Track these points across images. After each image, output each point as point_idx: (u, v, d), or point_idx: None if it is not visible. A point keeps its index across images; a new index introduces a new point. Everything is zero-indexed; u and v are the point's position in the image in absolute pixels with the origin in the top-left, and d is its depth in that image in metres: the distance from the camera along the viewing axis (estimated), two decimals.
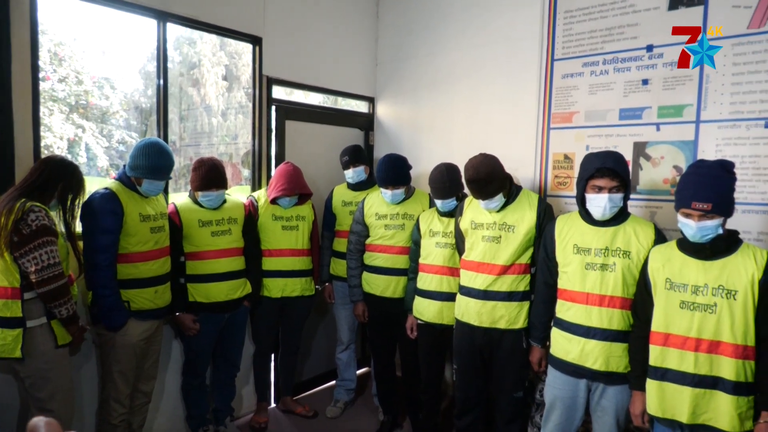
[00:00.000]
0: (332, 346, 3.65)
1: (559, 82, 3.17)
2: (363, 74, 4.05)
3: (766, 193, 2.52)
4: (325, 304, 3.51)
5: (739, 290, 1.76)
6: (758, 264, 1.77)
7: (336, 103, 4.18)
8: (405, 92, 3.95)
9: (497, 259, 2.41)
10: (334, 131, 3.88)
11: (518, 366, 2.46)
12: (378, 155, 4.00)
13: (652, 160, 2.85)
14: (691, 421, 1.83)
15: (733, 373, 1.76)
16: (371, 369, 3.44)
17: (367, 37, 4.05)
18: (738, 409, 1.76)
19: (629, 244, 2.08)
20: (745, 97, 2.56)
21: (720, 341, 1.78)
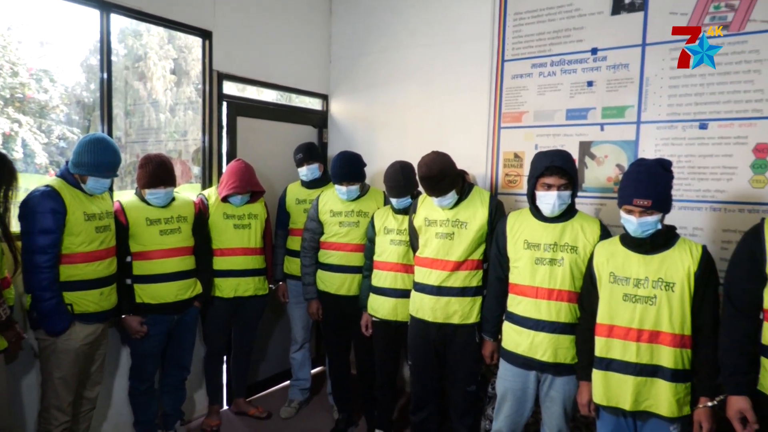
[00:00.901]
0: (286, 345, 3.61)
1: (510, 83, 3.25)
2: (316, 71, 4.02)
3: (700, 191, 2.67)
4: (278, 303, 3.47)
5: (677, 282, 1.86)
6: (694, 257, 1.87)
7: (289, 100, 4.13)
8: (359, 90, 3.94)
9: (450, 255, 2.45)
10: (288, 128, 3.84)
11: (471, 360, 2.50)
12: (332, 153, 3.97)
13: (596, 159, 2.97)
14: (633, 408, 1.91)
15: (671, 361, 1.86)
16: (326, 368, 3.42)
17: (320, 34, 4.02)
18: (676, 395, 1.86)
19: (576, 240, 2.15)
20: (682, 99, 2.70)
21: (660, 331, 1.88)
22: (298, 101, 4.13)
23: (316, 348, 4.08)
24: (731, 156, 2.60)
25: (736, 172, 2.59)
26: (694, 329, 1.87)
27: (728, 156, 2.60)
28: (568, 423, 2.24)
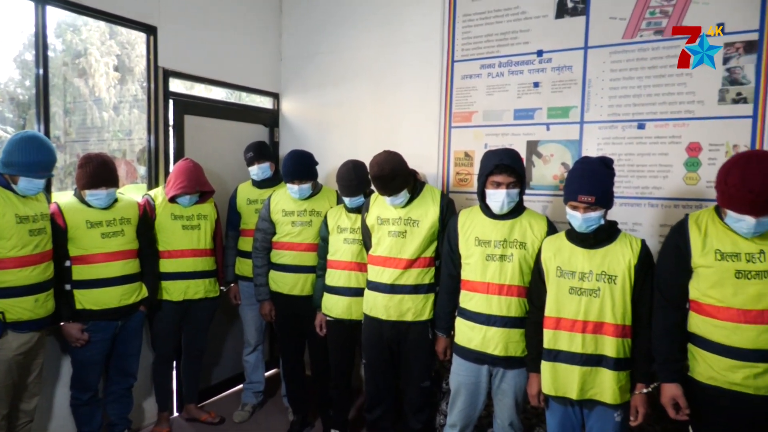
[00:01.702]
0: (239, 348, 3.54)
1: (459, 83, 3.30)
2: (267, 69, 3.96)
3: (639, 188, 2.80)
4: (230, 305, 3.40)
5: (618, 275, 1.94)
6: (634, 251, 1.96)
7: (239, 99, 4.05)
8: (311, 89, 3.92)
9: (403, 253, 2.47)
10: (238, 127, 3.77)
11: (425, 356, 2.53)
12: (283, 152, 3.92)
13: (543, 157, 3.06)
14: (580, 396, 1.99)
15: (614, 350, 1.94)
16: (280, 370, 3.38)
17: (270, 32, 3.97)
18: (619, 383, 1.94)
19: (525, 236, 2.21)
20: (621, 100, 2.82)
21: (603, 322, 1.96)
22: (249, 100, 4.06)
23: (269, 350, 4.03)
24: (667, 155, 2.73)
25: (671, 170, 2.73)
26: (634, 319, 1.96)
27: (664, 155, 2.74)
28: (519, 414, 2.31)
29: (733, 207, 1.67)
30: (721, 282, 1.74)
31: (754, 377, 1.69)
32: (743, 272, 1.70)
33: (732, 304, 1.72)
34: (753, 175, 1.61)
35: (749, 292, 1.69)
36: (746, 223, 1.66)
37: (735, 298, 1.71)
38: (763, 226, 1.66)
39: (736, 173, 1.64)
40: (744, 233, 1.70)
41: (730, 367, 1.72)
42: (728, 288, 1.72)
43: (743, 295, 1.70)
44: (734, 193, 1.64)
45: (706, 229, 1.80)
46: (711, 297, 1.77)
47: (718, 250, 1.75)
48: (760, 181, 1.60)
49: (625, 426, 2.00)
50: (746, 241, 1.72)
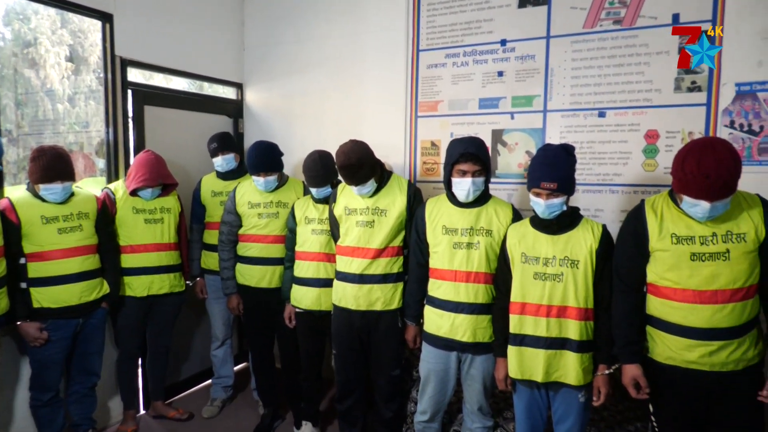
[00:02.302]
0: (206, 343, 3.49)
1: (425, 72, 3.31)
2: (230, 59, 3.88)
3: (600, 175, 2.87)
4: (197, 300, 3.34)
5: (581, 260, 1.99)
6: (595, 236, 2.01)
7: (201, 89, 3.95)
8: (275, 78, 3.86)
9: (371, 243, 2.47)
10: (200, 118, 3.68)
11: (395, 345, 2.54)
12: (248, 143, 3.87)
13: (508, 146, 3.10)
14: (545, 379, 2.03)
15: (577, 333, 1.99)
16: (249, 363, 3.35)
17: (232, 20, 3.88)
18: (582, 364, 2.00)
19: (491, 224, 2.24)
20: (583, 89, 2.88)
21: (567, 306, 2.00)
22: (211, 90, 3.97)
23: (238, 344, 3.98)
24: (626, 142, 2.81)
25: (630, 156, 2.81)
26: (596, 302, 2.01)
27: (624, 142, 2.82)
28: (488, 398, 2.35)
29: (689, 192, 1.72)
30: (678, 265, 1.80)
31: (708, 355, 1.76)
32: (698, 255, 1.76)
33: (688, 285, 1.78)
34: (708, 161, 1.65)
35: (704, 273, 1.76)
36: (701, 207, 1.71)
37: (690, 279, 1.77)
38: (717, 210, 1.72)
39: (692, 160, 1.69)
40: (699, 218, 1.76)
41: (687, 347, 1.79)
42: (684, 270, 1.78)
43: (698, 277, 1.76)
44: (690, 179, 1.69)
45: (662, 214, 1.85)
46: (668, 279, 1.83)
47: (674, 234, 1.81)
48: (714, 167, 1.65)
49: (588, 406, 2.06)
50: (700, 224, 1.78)
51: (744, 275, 1.74)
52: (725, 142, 1.73)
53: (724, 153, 1.67)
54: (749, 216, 1.76)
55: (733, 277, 1.73)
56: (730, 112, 2.58)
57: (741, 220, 1.76)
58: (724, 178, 1.65)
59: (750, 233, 1.74)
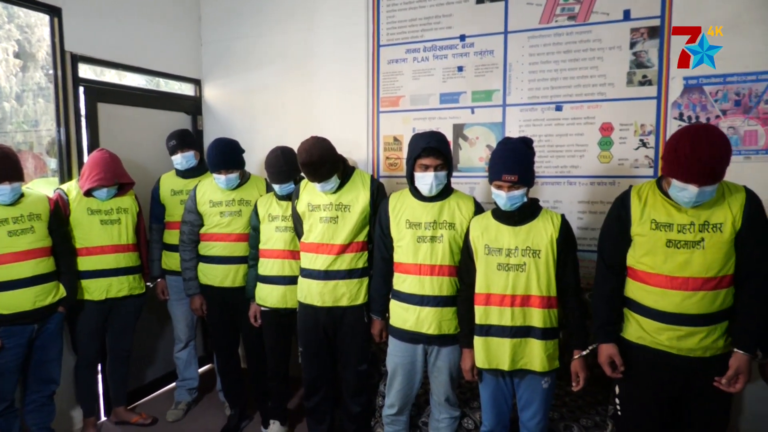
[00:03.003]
0: (170, 345, 3.42)
1: (386, 68, 3.32)
2: (187, 54, 3.80)
3: (558, 167, 2.95)
4: (158, 301, 3.26)
5: (542, 249, 2.04)
6: (555, 226, 2.06)
7: (158, 85, 3.85)
8: (234, 74, 3.79)
9: (336, 239, 2.46)
10: (157, 115, 3.59)
11: (361, 340, 2.55)
12: (208, 141, 3.79)
13: (469, 140, 3.14)
14: (511, 367, 2.07)
15: (541, 321, 2.04)
16: (214, 364, 3.29)
17: (188, 15, 3.79)
18: (546, 351, 2.05)
19: (454, 217, 2.27)
20: (540, 83, 2.95)
21: (530, 295, 2.05)
22: (168, 87, 3.87)
23: (203, 345, 3.92)
24: (582, 135, 2.89)
25: (586, 149, 2.89)
26: (559, 290, 2.07)
27: (580, 135, 2.89)
28: (455, 389, 2.38)
29: (680, 175, 1.75)
30: (654, 250, 1.85)
31: (677, 339, 1.82)
32: (673, 242, 1.82)
33: (661, 270, 1.84)
34: (703, 145, 1.69)
35: (677, 260, 1.81)
36: (689, 192, 1.75)
37: (664, 265, 1.83)
38: (703, 196, 1.76)
39: (687, 143, 1.72)
40: (685, 202, 1.79)
41: (657, 329, 1.85)
42: (659, 255, 1.84)
43: (672, 263, 1.82)
44: (684, 162, 1.71)
45: (646, 200, 1.91)
46: (644, 264, 1.89)
47: (654, 220, 1.86)
48: (708, 151, 1.69)
49: (551, 391, 2.12)
50: (680, 213, 1.83)
51: (717, 265, 1.78)
52: (719, 129, 1.77)
53: (719, 139, 1.72)
54: (729, 207, 1.79)
55: (706, 266, 1.78)
56: (679, 105, 2.68)
57: (719, 211, 1.79)
58: (715, 162, 1.69)
59: (727, 223, 1.77)
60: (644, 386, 1.93)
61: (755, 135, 2.57)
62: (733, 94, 2.59)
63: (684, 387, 1.87)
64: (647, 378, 1.92)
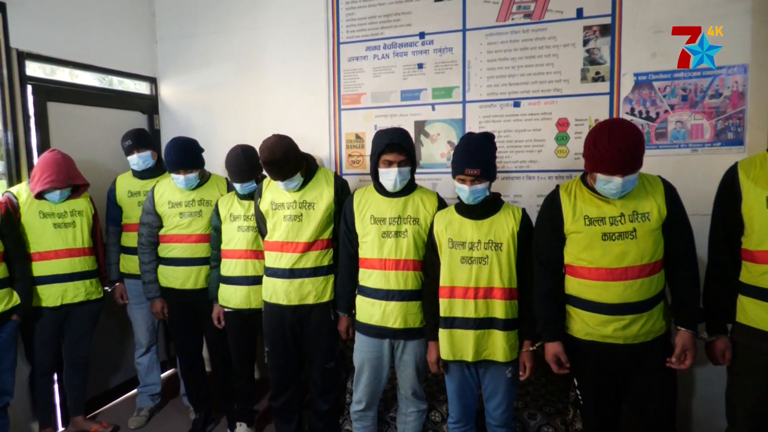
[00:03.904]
0: (130, 350, 3.32)
1: (346, 65, 3.32)
2: (141, 52, 3.69)
3: (518, 162, 3.02)
4: (117, 305, 3.17)
5: (503, 242, 2.09)
6: (516, 220, 2.11)
7: (111, 84, 3.73)
8: (191, 72, 3.72)
9: (300, 237, 2.45)
10: (112, 115, 3.49)
11: (328, 337, 2.55)
12: (165, 140, 3.69)
13: (430, 137, 3.18)
14: (475, 358, 2.12)
15: (503, 312, 2.09)
16: (178, 368, 3.23)
17: (141, 12, 3.69)
18: (508, 341, 2.10)
19: (418, 212, 2.30)
20: (498, 80, 3.01)
21: (493, 287, 2.09)
22: (122, 85, 3.75)
23: (165, 349, 3.83)
24: (540, 130, 2.97)
25: (544, 144, 2.97)
26: (519, 282, 2.12)
27: (537, 130, 2.97)
28: (421, 382, 2.42)
29: (603, 169, 1.83)
30: (591, 245, 1.92)
31: (622, 329, 1.89)
32: (608, 234, 1.89)
33: (601, 264, 1.90)
34: (618, 137, 1.78)
35: (614, 252, 1.89)
36: (614, 183, 1.83)
37: (603, 258, 1.90)
38: (628, 185, 1.84)
39: (604, 136, 1.80)
40: (612, 194, 1.88)
41: (602, 322, 1.91)
42: (597, 250, 1.91)
43: (609, 256, 1.89)
44: (604, 154, 1.79)
45: (575, 198, 1.97)
46: (583, 260, 1.95)
47: (587, 216, 1.93)
48: (625, 141, 1.77)
49: (515, 381, 2.17)
50: (609, 206, 1.91)
51: (650, 252, 1.87)
52: (628, 121, 1.89)
53: (631, 128, 1.82)
54: (652, 196, 1.90)
55: (641, 254, 1.87)
56: (630, 100, 2.79)
57: (645, 201, 1.89)
58: (633, 151, 1.78)
59: (653, 212, 1.88)
60: (597, 377, 2.00)
61: (701, 128, 2.70)
62: (680, 90, 2.71)
63: (632, 372, 1.95)
64: (599, 370, 1.98)
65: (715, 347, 1.96)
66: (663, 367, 1.92)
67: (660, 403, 1.96)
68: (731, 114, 2.64)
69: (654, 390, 1.95)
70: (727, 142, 2.66)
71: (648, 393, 1.96)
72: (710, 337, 1.98)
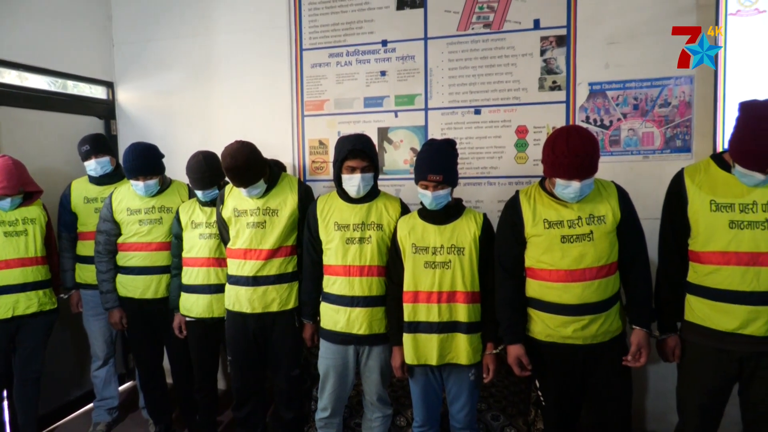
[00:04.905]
0: (87, 363, 3.21)
1: (309, 71, 3.32)
2: (97, 55, 3.60)
3: (479, 168, 3.08)
4: (71, 316, 3.06)
5: (466, 247, 2.12)
6: (478, 224, 2.16)
7: (65, 88, 3.61)
8: (151, 76, 3.64)
9: (264, 244, 2.43)
10: (66, 120, 3.38)
11: (292, 345, 2.53)
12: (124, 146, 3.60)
13: (393, 143, 3.21)
14: (439, 362, 2.14)
15: (466, 316, 2.12)
16: (137, 381, 3.14)
17: (98, 14, 3.60)
18: (471, 344, 2.13)
19: (381, 218, 2.32)
20: (459, 88, 3.07)
21: (456, 291, 2.12)
22: (77, 89, 3.64)
23: (123, 361, 3.71)
24: (500, 137, 3.04)
25: (504, 151, 3.04)
26: (481, 285, 2.16)
27: (498, 137, 3.04)
28: (386, 387, 2.42)
29: (562, 174, 1.90)
30: (551, 248, 1.98)
31: (581, 329, 1.95)
32: (567, 237, 1.96)
33: (560, 266, 1.96)
34: (576, 143, 1.85)
35: (573, 254, 1.95)
36: (573, 188, 1.90)
37: (562, 260, 1.96)
38: (585, 189, 1.92)
39: (562, 143, 1.87)
40: (571, 198, 1.95)
41: (563, 323, 1.97)
42: (557, 252, 1.97)
43: (569, 258, 1.95)
44: (563, 160, 1.86)
45: (535, 202, 2.03)
46: (543, 262, 2.00)
47: (546, 220, 1.99)
48: (582, 147, 1.85)
49: (478, 383, 2.21)
50: (567, 209, 1.98)
51: (606, 254, 1.95)
52: (584, 128, 1.97)
53: (587, 135, 1.90)
54: (607, 200, 1.98)
55: (597, 256, 1.94)
56: (586, 109, 2.89)
57: (600, 204, 1.97)
58: (590, 156, 1.86)
59: (608, 215, 1.96)
60: (558, 378, 2.06)
61: (652, 136, 2.82)
62: (632, 99, 2.83)
63: (590, 371, 2.02)
64: (560, 370, 2.04)
65: (666, 345, 2.05)
66: (619, 366, 1.99)
67: (616, 400, 2.03)
68: (679, 122, 2.77)
69: (611, 388, 2.02)
70: (675, 149, 2.79)
71: (605, 391, 2.03)
72: (662, 335, 2.07)
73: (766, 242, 1.81)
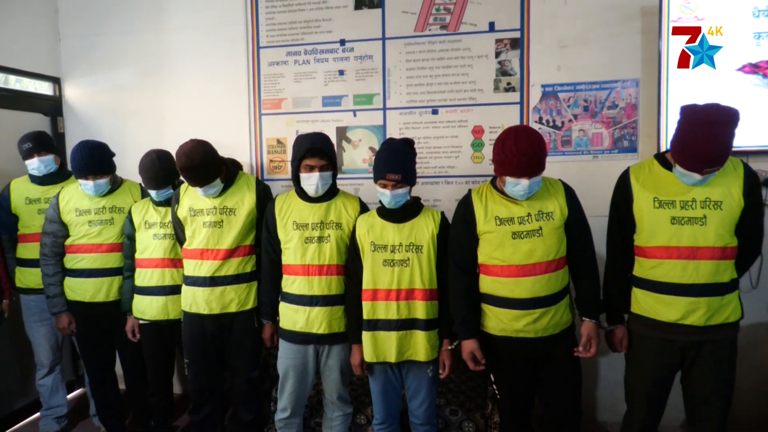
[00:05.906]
0: (30, 371, 3.07)
1: (267, 70, 3.29)
2: (42, 50, 3.45)
3: (436, 167, 3.13)
4: (13, 321, 2.92)
5: (424, 245, 2.16)
6: (435, 222, 2.19)
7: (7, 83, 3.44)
8: (101, 72, 3.52)
9: (221, 243, 2.40)
10: (8, 116, 3.24)
11: (252, 346, 2.50)
12: (71, 144, 3.47)
13: (352, 143, 3.22)
14: (398, 359, 2.17)
15: (424, 313, 2.15)
16: (86, 388, 3.03)
17: (42, 7, 3.45)
18: (429, 341, 2.16)
19: (340, 217, 2.32)
20: (417, 88, 3.11)
21: (414, 288, 2.15)
22: (21, 85, 3.48)
23: (72, 367, 3.57)
24: (457, 137, 3.09)
25: (461, 150, 3.10)
26: (439, 283, 2.20)
27: (455, 137, 3.10)
28: (346, 386, 2.43)
29: (511, 172, 1.95)
30: (502, 244, 2.03)
31: (533, 322, 2.02)
32: (518, 233, 2.02)
33: (512, 261, 2.02)
34: (524, 142, 1.92)
35: (523, 249, 2.01)
36: (522, 186, 1.96)
37: (514, 256, 2.02)
38: (534, 187, 1.98)
39: (511, 142, 1.93)
40: (520, 195, 2.00)
41: (515, 317, 2.03)
42: (508, 248, 2.03)
43: (519, 253, 2.01)
44: (512, 158, 1.92)
45: (486, 200, 2.09)
46: (495, 258, 2.06)
47: (497, 217, 2.05)
48: (530, 145, 1.91)
49: (436, 379, 2.24)
50: (517, 206, 2.04)
51: (554, 249, 2.02)
52: (531, 128, 2.04)
53: (534, 134, 1.96)
54: (555, 197, 2.06)
55: (546, 251, 2.01)
56: (539, 110, 2.98)
57: (548, 201, 2.05)
58: (538, 154, 1.92)
59: (556, 212, 2.03)
60: (512, 371, 2.12)
61: (601, 137, 2.93)
62: (582, 101, 2.93)
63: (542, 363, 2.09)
64: (513, 363, 2.11)
65: (614, 335, 2.14)
66: (570, 357, 2.07)
67: (568, 390, 2.11)
68: (626, 124, 2.89)
69: (561, 379, 2.10)
70: (623, 149, 2.91)
71: (556, 382, 2.10)
72: (610, 327, 2.16)
73: (705, 237, 1.92)
